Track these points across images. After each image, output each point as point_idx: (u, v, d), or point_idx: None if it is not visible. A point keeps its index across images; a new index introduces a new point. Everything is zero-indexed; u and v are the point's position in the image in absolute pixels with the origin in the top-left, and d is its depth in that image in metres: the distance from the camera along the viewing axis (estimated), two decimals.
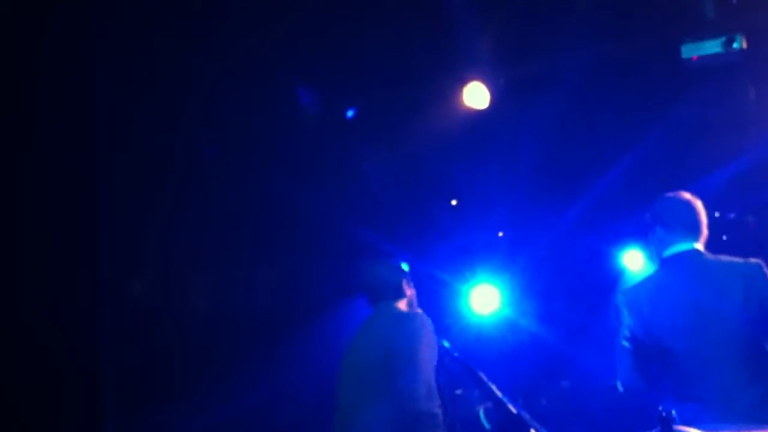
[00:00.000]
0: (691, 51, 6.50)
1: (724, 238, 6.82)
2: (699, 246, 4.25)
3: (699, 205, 4.32)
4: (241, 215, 6.96)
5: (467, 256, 8.28)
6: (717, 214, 4.70)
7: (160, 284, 6.72)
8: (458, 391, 6.98)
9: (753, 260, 4.16)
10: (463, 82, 7.13)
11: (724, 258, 4.22)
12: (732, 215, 7.37)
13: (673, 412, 3.26)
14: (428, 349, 4.35)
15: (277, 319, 7.14)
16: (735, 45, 6.34)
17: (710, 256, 4.24)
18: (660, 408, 3.23)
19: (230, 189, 6.81)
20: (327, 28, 6.45)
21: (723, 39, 6.37)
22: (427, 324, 4.44)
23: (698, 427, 3.34)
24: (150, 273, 6.61)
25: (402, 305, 4.70)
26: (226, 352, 6.69)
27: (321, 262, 7.33)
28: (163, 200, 6.40)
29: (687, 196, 4.33)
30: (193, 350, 6.50)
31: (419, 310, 4.70)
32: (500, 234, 8.75)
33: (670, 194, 4.37)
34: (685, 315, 4.09)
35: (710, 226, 4.39)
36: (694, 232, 4.25)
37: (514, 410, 3.35)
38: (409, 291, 4.80)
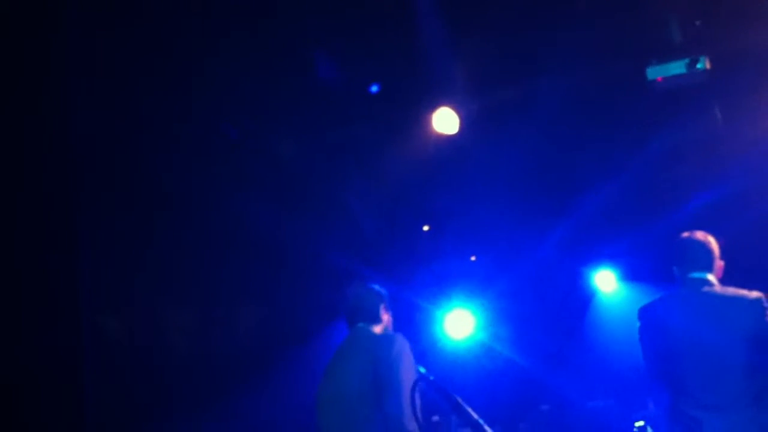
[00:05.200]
0: (657, 73, 6.60)
1: None
2: (710, 277, 4.64)
3: (710, 240, 4.73)
4: (222, 246, 6.94)
5: (442, 281, 8.30)
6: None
7: (141, 318, 6.68)
8: (435, 418, 6.96)
9: (755, 294, 4.50)
10: (437, 108, 7.19)
11: (730, 291, 4.57)
12: None
13: (649, 429, 3.32)
14: (408, 371, 4.40)
15: (259, 349, 7.11)
16: (699, 66, 6.44)
17: (717, 288, 4.61)
18: (636, 423, 3.29)
19: (211, 219, 6.79)
20: (301, 52, 6.50)
21: (687, 60, 6.47)
22: (406, 345, 4.50)
23: None
24: (131, 307, 6.56)
25: (378, 329, 4.75)
26: (209, 384, 6.66)
27: (302, 291, 7.32)
28: (144, 231, 6.37)
29: (699, 235, 4.73)
30: (175, 383, 6.46)
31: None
32: (473, 258, 8.78)
33: (688, 234, 4.78)
34: (682, 340, 4.53)
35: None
36: (706, 265, 4.65)
37: None
38: (386, 316, 4.87)
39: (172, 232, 6.59)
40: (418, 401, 4.22)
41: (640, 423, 3.15)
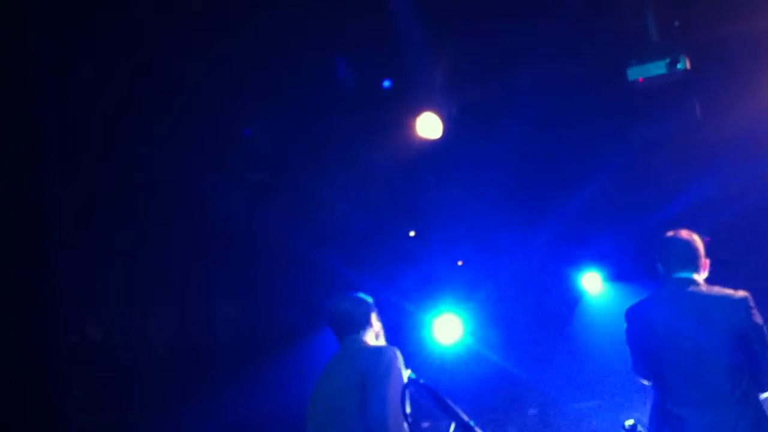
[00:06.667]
0: (637, 74, 6.65)
1: None
2: (696, 276, 4.66)
3: (695, 239, 4.75)
4: (202, 241, 6.90)
5: (430, 286, 8.28)
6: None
7: (120, 319, 6.65)
8: (425, 424, 6.94)
9: (740, 293, 4.52)
10: (418, 111, 7.20)
11: (715, 289, 4.59)
12: None
13: (639, 427, 3.34)
14: (397, 382, 4.38)
15: (240, 345, 7.08)
16: (679, 66, 6.49)
17: (703, 287, 4.63)
18: (625, 422, 3.32)
19: (191, 218, 6.75)
20: (282, 56, 6.49)
21: (667, 60, 6.51)
22: (398, 356, 4.48)
23: None
24: (110, 308, 6.53)
25: (369, 338, 4.72)
26: (189, 380, 6.63)
27: (284, 288, 7.29)
28: (123, 233, 6.33)
29: (684, 234, 4.75)
30: (155, 383, 6.43)
31: (386, 344, 4.74)
32: (459, 263, 8.77)
33: (673, 232, 4.79)
34: (667, 339, 4.56)
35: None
36: (691, 264, 4.67)
37: None
38: (377, 324, 4.82)
39: (149, 229, 6.56)
40: (408, 408, 4.21)
41: (630, 422, 3.16)
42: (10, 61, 4.14)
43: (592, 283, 8.71)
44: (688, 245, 4.73)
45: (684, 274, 4.67)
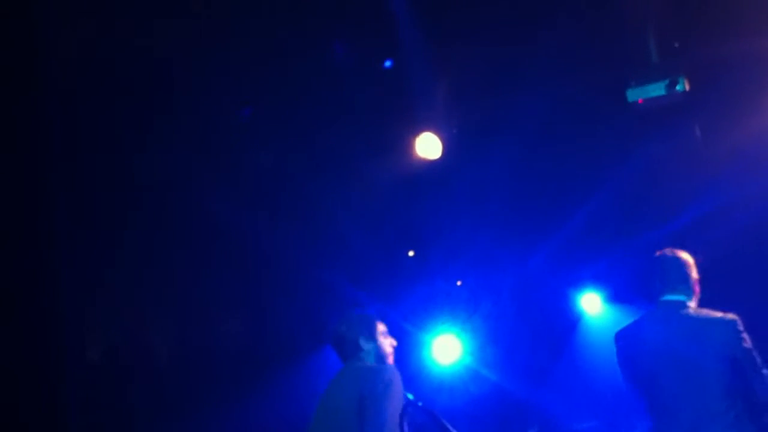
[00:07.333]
0: (636, 95, 6.67)
1: None
2: (686, 297, 4.67)
3: (686, 259, 4.74)
4: (207, 259, 6.90)
5: (429, 305, 8.27)
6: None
7: (122, 322, 6.64)
8: None
9: (730, 316, 4.51)
10: (420, 130, 7.23)
11: (704, 312, 4.60)
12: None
13: None
14: (396, 402, 4.39)
15: (241, 360, 7.08)
16: (678, 87, 6.51)
17: (692, 310, 4.63)
18: None
19: (193, 226, 6.75)
20: (286, 65, 6.52)
21: (666, 82, 6.53)
22: (395, 378, 4.49)
23: None
24: (111, 312, 6.51)
25: (370, 358, 4.76)
26: (190, 393, 6.62)
27: (287, 302, 7.29)
28: (125, 238, 6.33)
29: (673, 254, 4.75)
30: (158, 395, 6.42)
31: (389, 363, 4.77)
32: (458, 283, 8.76)
33: (661, 252, 4.79)
34: (661, 361, 4.55)
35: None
36: (681, 285, 4.66)
37: None
38: (380, 338, 4.85)
39: (151, 234, 6.56)
40: (406, 429, 4.21)
41: None
42: (13, 61, 4.14)
43: (592, 304, 8.70)
44: (676, 264, 4.72)
45: (673, 296, 4.66)
